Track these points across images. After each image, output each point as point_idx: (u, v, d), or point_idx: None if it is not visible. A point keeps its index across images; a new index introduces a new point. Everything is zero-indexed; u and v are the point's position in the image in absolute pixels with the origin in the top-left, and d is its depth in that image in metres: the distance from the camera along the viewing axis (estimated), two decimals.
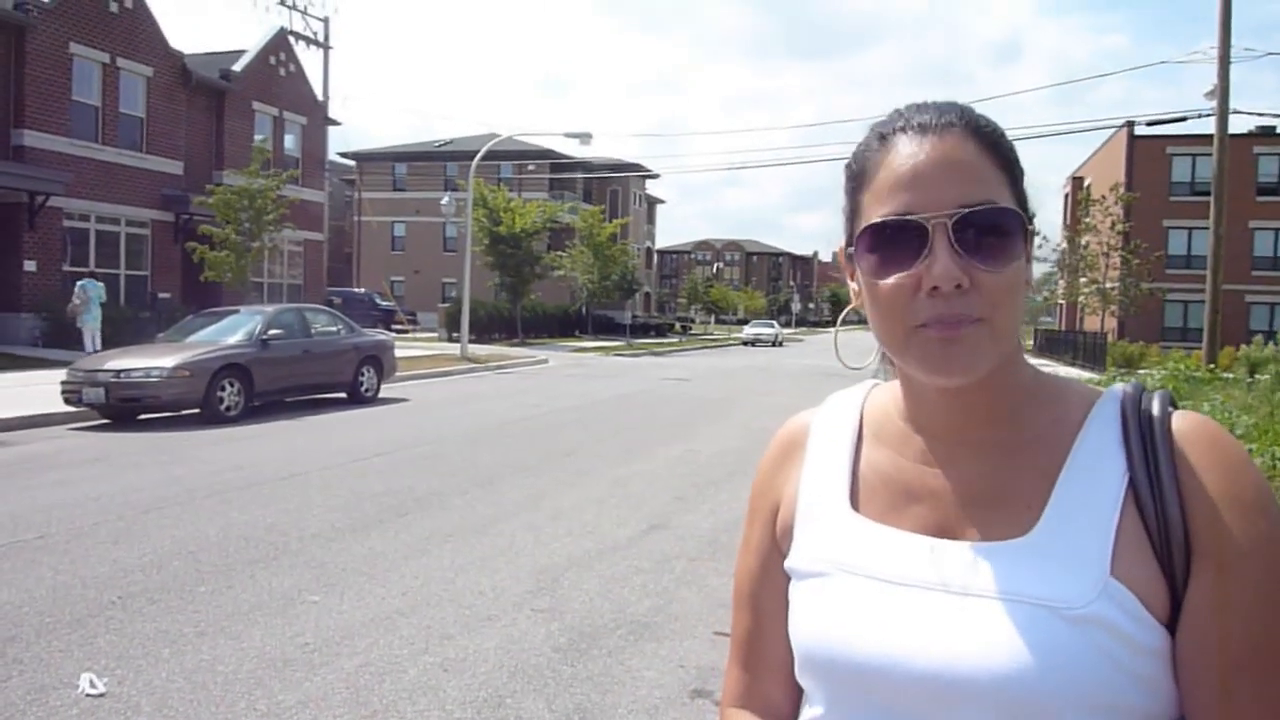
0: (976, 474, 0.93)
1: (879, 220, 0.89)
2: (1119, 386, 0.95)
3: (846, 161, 0.97)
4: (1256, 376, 17.28)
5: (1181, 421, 0.89)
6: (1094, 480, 0.88)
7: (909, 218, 0.87)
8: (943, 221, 0.86)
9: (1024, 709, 0.81)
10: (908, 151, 0.89)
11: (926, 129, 0.90)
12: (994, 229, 0.87)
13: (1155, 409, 0.91)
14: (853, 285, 0.96)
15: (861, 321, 1.00)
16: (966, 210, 0.86)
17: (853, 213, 0.95)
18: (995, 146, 0.90)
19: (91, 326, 19.55)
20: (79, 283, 19.90)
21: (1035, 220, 0.95)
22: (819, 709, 0.95)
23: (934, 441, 0.97)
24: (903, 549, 0.92)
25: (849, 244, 0.94)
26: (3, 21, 22.02)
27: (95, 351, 18.37)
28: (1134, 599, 0.83)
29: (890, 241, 0.88)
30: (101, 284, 20.25)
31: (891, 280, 0.88)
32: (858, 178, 0.94)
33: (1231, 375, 17.96)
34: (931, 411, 0.96)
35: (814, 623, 0.94)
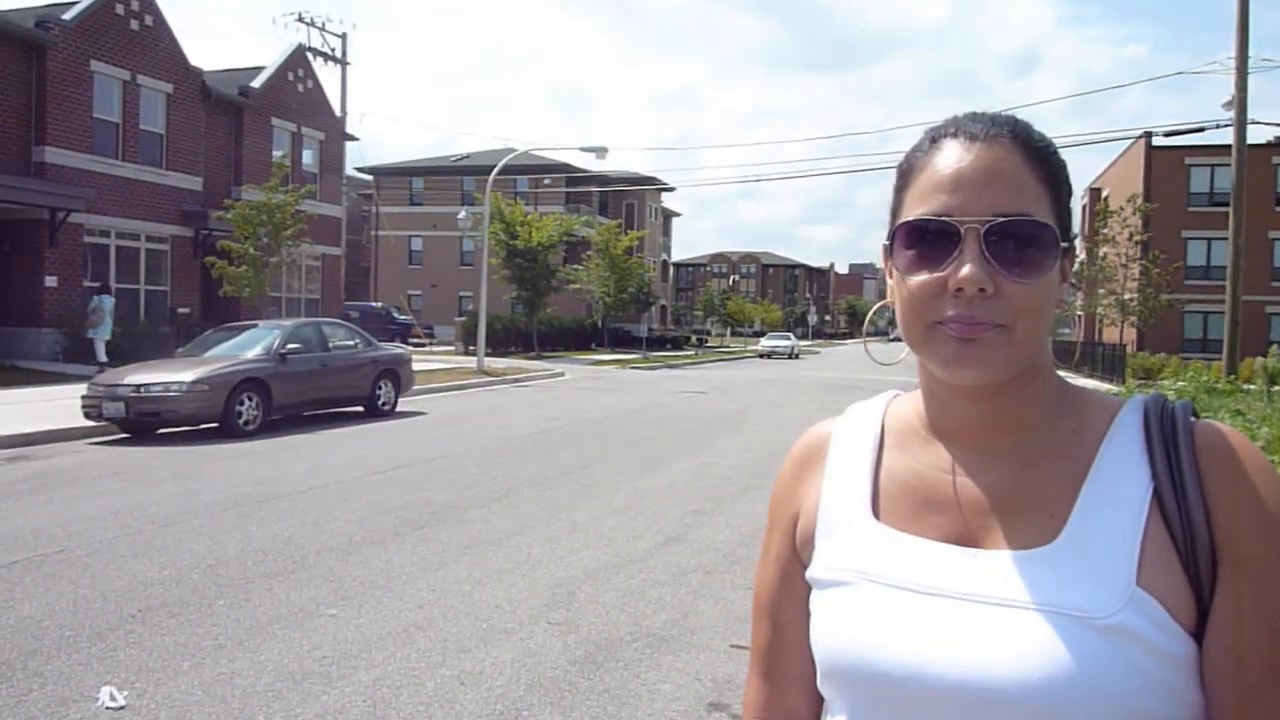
0: (999, 482, 0.93)
1: (914, 218, 0.91)
2: (1141, 396, 0.95)
3: (899, 161, 0.99)
4: (1277, 387, 17.13)
5: (1204, 431, 0.89)
6: (1118, 489, 0.88)
7: (943, 219, 0.89)
8: (975, 226, 0.87)
9: (1051, 719, 0.81)
10: (954, 156, 0.91)
11: (976, 137, 0.91)
12: (1026, 240, 0.88)
13: (1178, 418, 0.91)
14: (890, 281, 0.97)
15: (879, 333, 1.00)
16: (1001, 219, 0.87)
17: (895, 209, 0.97)
18: (1043, 162, 0.91)
19: (104, 338, 20.05)
20: (98, 297, 20.27)
21: (1075, 240, 0.95)
22: (841, 718, 0.94)
23: (956, 449, 0.97)
24: (926, 557, 0.92)
25: (888, 238, 0.96)
26: (24, 40, 22.30)
27: (105, 362, 19.04)
28: (1160, 608, 0.83)
29: (924, 240, 0.90)
30: (113, 298, 20.72)
31: (921, 277, 0.90)
32: (905, 176, 0.96)
33: (1252, 386, 17.81)
34: (954, 419, 0.97)
35: (837, 632, 0.93)
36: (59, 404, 13.99)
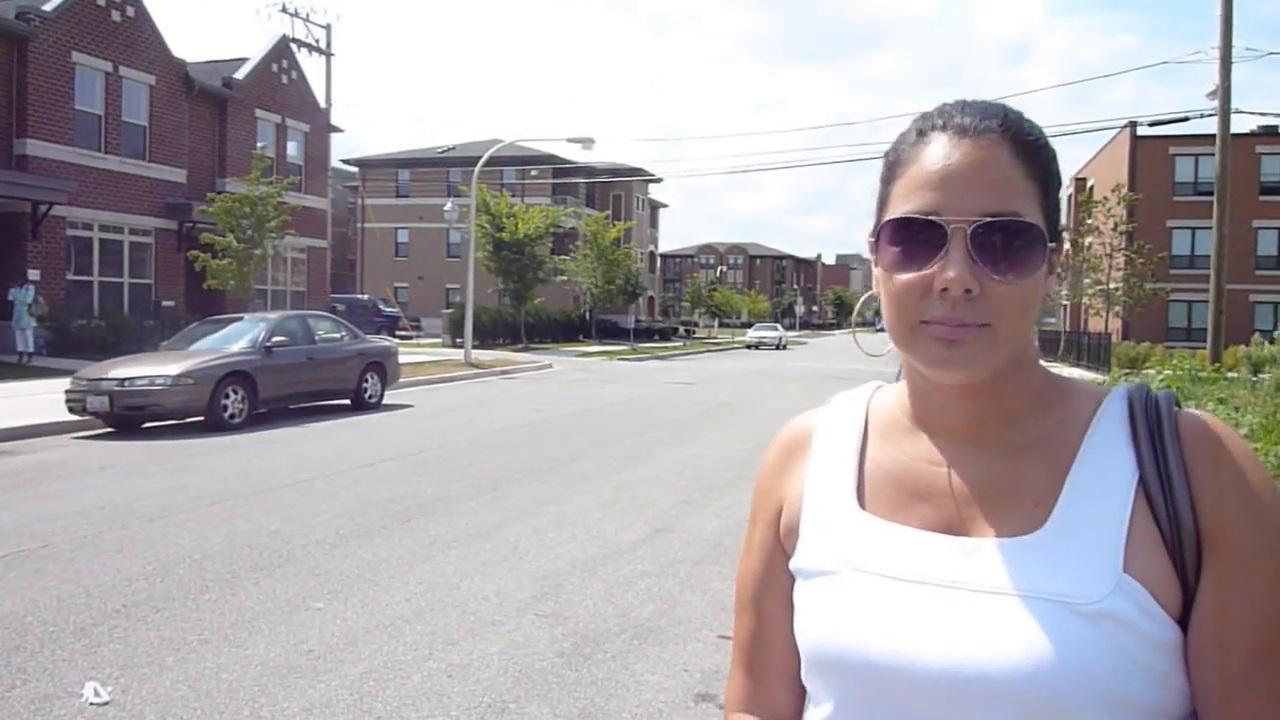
0: (985, 472, 0.93)
1: (901, 216, 0.90)
2: (1125, 386, 0.95)
3: (886, 150, 0.98)
4: (1260, 376, 17.23)
5: (1188, 420, 0.89)
6: (1104, 477, 0.88)
7: (930, 218, 0.88)
8: (962, 227, 0.86)
9: (1041, 705, 0.81)
10: (942, 151, 0.89)
11: (965, 131, 0.90)
12: (1013, 241, 0.87)
13: (1162, 407, 0.91)
14: (875, 271, 0.96)
15: (866, 324, 0.99)
16: (988, 220, 0.86)
17: (881, 202, 0.95)
18: (1033, 156, 0.90)
19: (34, 325, 20.53)
20: (32, 288, 20.63)
21: (1064, 233, 0.94)
22: (827, 708, 0.94)
23: (942, 440, 0.96)
24: (912, 546, 0.92)
25: (874, 233, 0.95)
26: (4, 31, 22.08)
27: (33, 352, 19.89)
28: (1147, 594, 0.83)
29: (910, 238, 0.89)
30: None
31: (906, 276, 0.89)
32: (892, 167, 0.95)
33: (1236, 375, 17.90)
34: (940, 411, 0.96)
35: (823, 621, 0.93)
36: (43, 398, 13.89)
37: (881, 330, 0.97)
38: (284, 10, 34.22)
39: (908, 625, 0.87)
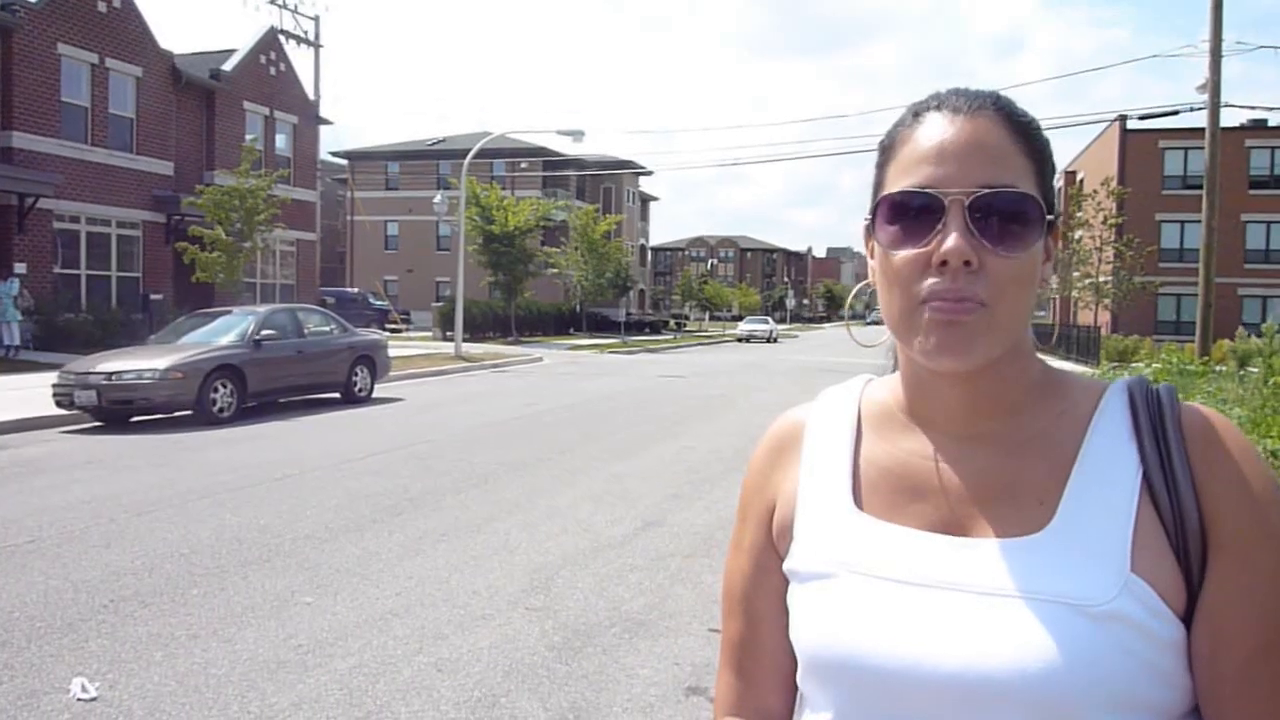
0: (984, 468, 0.91)
1: (897, 190, 0.89)
2: (1124, 379, 0.94)
3: (881, 139, 0.96)
4: (1247, 369, 17.28)
5: (1191, 415, 0.88)
6: (1108, 474, 0.87)
7: (927, 191, 0.86)
8: (959, 198, 0.85)
9: (1049, 708, 0.80)
10: (937, 128, 0.89)
11: (959, 110, 0.89)
12: (1011, 213, 0.86)
13: (1165, 401, 0.89)
14: (871, 262, 0.95)
15: (857, 317, 0.97)
16: (986, 190, 0.85)
17: (877, 186, 0.94)
18: (1027, 136, 0.89)
19: (19, 319, 20.43)
20: (17, 280, 20.55)
21: (1059, 219, 0.93)
22: (826, 714, 0.91)
23: (938, 435, 0.94)
24: (912, 547, 0.90)
25: (870, 213, 0.93)
26: None
27: (19, 345, 19.81)
28: (1154, 594, 0.82)
29: (907, 214, 0.88)
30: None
31: (904, 252, 0.87)
32: (886, 151, 0.94)
33: (1224, 368, 17.96)
34: (936, 404, 0.94)
35: (822, 625, 0.91)
36: (29, 392, 13.81)
37: (874, 323, 0.95)
38: (272, 1, 33.98)
39: (911, 629, 0.85)
